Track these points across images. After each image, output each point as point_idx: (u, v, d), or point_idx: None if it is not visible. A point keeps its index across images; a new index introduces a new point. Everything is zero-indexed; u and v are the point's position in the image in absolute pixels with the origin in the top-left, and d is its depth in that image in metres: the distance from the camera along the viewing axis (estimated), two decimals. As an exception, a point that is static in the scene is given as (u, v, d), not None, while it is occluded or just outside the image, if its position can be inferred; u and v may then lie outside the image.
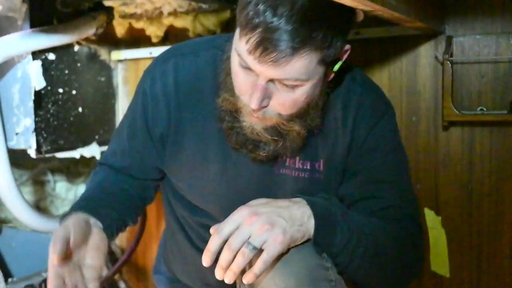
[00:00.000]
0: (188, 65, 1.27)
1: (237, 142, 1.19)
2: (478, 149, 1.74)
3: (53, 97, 2.00)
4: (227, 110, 1.17)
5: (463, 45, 1.72)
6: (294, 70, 1.02)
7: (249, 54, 1.02)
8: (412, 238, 1.24)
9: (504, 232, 1.72)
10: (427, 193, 1.82)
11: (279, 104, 1.09)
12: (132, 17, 2.13)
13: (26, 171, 2.50)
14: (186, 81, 1.27)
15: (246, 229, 1.01)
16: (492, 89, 1.70)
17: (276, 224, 1.01)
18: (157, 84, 1.27)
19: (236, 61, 1.08)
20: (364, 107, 1.25)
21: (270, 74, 1.03)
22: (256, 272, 0.99)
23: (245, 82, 1.08)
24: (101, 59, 2.24)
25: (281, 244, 1.01)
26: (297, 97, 1.08)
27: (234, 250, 1.00)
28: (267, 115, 1.10)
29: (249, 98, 1.08)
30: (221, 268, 1.01)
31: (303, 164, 1.26)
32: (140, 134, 1.33)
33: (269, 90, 1.06)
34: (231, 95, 1.15)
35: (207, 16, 2.02)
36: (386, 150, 1.26)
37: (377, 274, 1.18)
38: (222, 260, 1.01)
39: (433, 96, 1.79)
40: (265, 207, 1.05)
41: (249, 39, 1.00)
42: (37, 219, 2.00)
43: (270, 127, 1.13)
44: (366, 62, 1.87)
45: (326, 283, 1.04)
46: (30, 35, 1.87)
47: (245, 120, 1.14)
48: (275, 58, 1.00)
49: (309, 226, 1.06)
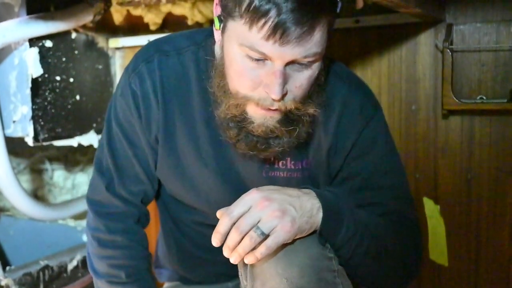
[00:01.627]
0: (172, 65, 1.23)
1: (248, 146, 1.14)
2: (477, 138, 1.74)
3: (50, 85, 1.99)
4: (231, 116, 1.12)
5: (463, 33, 1.71)
6: (313, 43, 1.00)
7: (267, 40, 0.98)
8: (412, 239, 1.24)
9: (503, 220, 1.72)
10: (426, 182, 1.82)
11: (296, 87, 1.06)
12: (130, 4, 2.11)
13: (24, 160, 2.50)
14: (172, 81, 1.23)
15: (257, 213, 0.99)
16: (492, 77, 1.69)
17: (287, 213, 1.00)
18: (146, 84, 1.23)
19: (243, 55, 1.04)
20: (350, 109, 1.24)
21: (292, 54, 1.00)
22: (257, 256, 0.98)
23: (256, 75, 1.05)
24: (98, 47, 2.23)
25: (288, 233, 1.00)
26: (312, 73, 1.06)
27: (242, 233, 0.98)
28: (286, 103, 1.07)
29: (268, 89, 1.04)
30: (228, 248, 1.00)
31: (295, 164, 1.25)
32: (139, 132, 1.28)
33: (286, 75, 1.04)
34: (236, 99, 1.09)
35: (206, 3, 2.00)
36: (378, 154, 1.25)
37: (378, 271, 1.18)
38: (229, 240, 0.99)
39: (432, 84, 1.78)
40: (277, 194, 1.03)
41: (264, 25, 0.97)
42: (35, 208, 2.00)
43: (282, 118, 1.10)
44: (365, 50, 1.86)
45: (328, 273, 1.04)
46: (27, 22, 1.86)
47: (256, 118, 1.09)
48: (298, 35, 0.97)
49: (317, 219, 1.05)
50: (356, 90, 1.26)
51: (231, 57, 1.07)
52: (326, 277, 1.03)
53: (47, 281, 1.94)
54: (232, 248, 0.99)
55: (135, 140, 1.28)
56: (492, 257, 1.75)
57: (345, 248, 1.09)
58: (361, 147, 1.24)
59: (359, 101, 1.25)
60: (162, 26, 2.16)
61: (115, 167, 1.30)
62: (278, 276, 1.01)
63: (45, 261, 1.95)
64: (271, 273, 1.02)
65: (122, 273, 1.30)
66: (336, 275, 1.05)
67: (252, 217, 0.99)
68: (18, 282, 1.82)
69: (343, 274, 1.08)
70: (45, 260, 1.96)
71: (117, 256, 1.31)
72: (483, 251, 1.76)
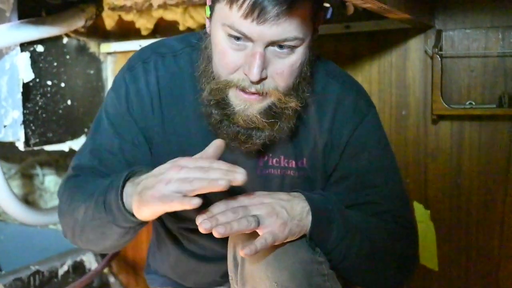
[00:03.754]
0: (168, 66, 1.25)
1: (228, 135, 1.15)
2: (467, 143, 1.75)
3: (41, 90, 1.99)
4: (214, 103, 1.13)
5: (452, 39, 1.73)
6: (293, 27, 1.02)
7: (245, 18, 1.01)
8: (407, 239, 1.24)
9: (493, 225, 1.73)
10: (416, 186, 1.82)
11: (276, 73, 1.07)
12: (122, 10, 2.11)
13: (15, 165, 2.50)
14: (168, 82, 1.24)
15: (252, 208, 1.01)
16: (481, 83, 1.71)
17: (279, 215, 1.01)
18: (140, 81, 1.23)
19: (224, 37, 1.07)
20: (344, 107, 1.24)
21: (271, 34, 1.02)
22: (258, 247, 0.98)
23: (237, 56, 1.07)
24: (90, 52, 2.23)
25: (281, 234, 1.01)
26: (294, 61, 1.08)
27: (237, 216, 0.97)
28: (266, 88, 1.08)
29: (247, 71, 1.06)
30: (216, 222, 0.95)
31: (288, 162, 1.25)
32: (128, 125, 1.25)
33: (266, 58, 1.05)
34: (217, 82, 1.11)
35: (197, 9, 2.01)
36: (373, 152, 1.25)
37: (371, 272, 1.18)
38: (222, 217, 0.96)
39: (422, 90, 1.79)
40: (269, 198, 1.04)
41: (242, 4, 1.00)
42: (25, 213, 2.00)
43: (264, 108, 1.10)
44: (355, 55, 1.87)
45: (318, 277, 1.04)
46: (18, 26, 1.86)
47: (237, 104, 1.10)
48: (275, 14, 0.99)
49: (307, 222, 1.06)
50: (350, 89, 1.27)
51: (215, 41, 1.09)
52: (316, 281, 1.04)
53: (37, 286, 1.94)
54: (222, 223, 0.95)
55: (124, 132, 1.25)
56: (482, 262, 1.76)
57: (337, 251, 1.09)
58: (355, 145, 1.24)
59: (353, 99, 1.26)
60: (153, 31, 2.16)
61: (97, 153, 1.25)
62: (269, 279, 1.02)
63: (36, 266, 1.95)
64: (262, 277, 1.03)
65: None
66: (326, 279, 1.05)
67: (248, 208, 1.00)
68: (8, 287, 1.81)
69: (333, 278, 1.08)
70: (36, 265, 1.95)
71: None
72: (473, 256, 1.77)
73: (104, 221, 1.09)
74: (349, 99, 1.25)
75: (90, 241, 1.19)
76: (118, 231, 1.10)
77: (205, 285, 1.46)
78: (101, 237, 1.14)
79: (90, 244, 1.21)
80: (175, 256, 1.44)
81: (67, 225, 1.23)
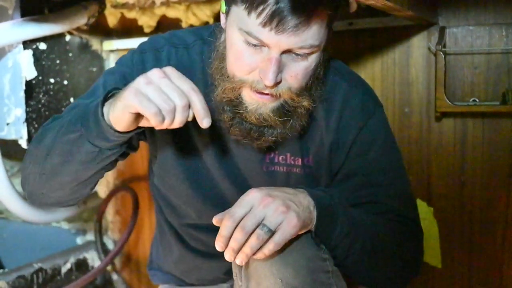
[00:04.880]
0: (180, 57, 1.25)
1: (241, 132, 1.15)
2: (470, 140, 1.74)
3: (44, 87, 1.99)
4: (226, 100, 1.13)
5: (456, 36, 1.72)
6: (310, 35, 1.02)
7: (264, 26, 1.01)
8: (411, 239, 1.24)
9: (496, 222, 1.73)
10: (419, 184, 1.82)
11: (291, 76, 1.07)
12: (124, 7, 2.11)
13: (18, 163, 2.49)
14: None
15: (261, 211, 0.99)
16: (485, 80, 1.70)
17: (291, 208, 1.00)
18: (147, 68, 1.20)
19: (241, 40, 1.07)
20: (351, 106, 1.24)
21: (288, 43, 1.02)
22: (266, 253, 0.98)
23: (253, 60, 1.07)
24: (92, 49, 2.23)
25: (295, 228, 1.00)
26: (309, 64, 1.08)
27: (248, 232, 0.97)
28: (279, 90, 1.08)
29: (262, 75, 1.05)
30: (232, 251, 0.98)
31: (294, 160, 1.25)
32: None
33: (282, 63, 1.05)
34: (231, 82, 1.11)
35: (200, 6, 2.01)
36: (379, 151, 1.25)
37: (375, 271, 1.18)
38: (234, 242, 0.98)
39: (425, 87, 1.79)
40: (277, 191, 1.03)
41: (261, 12, 1.00)
42: (28, 210, 2.00)
43: (277, 107, 1.11)
44: (358, 53, 1.87)
45: (323, 274, 1.04)
46: (21, 24, 1.86)
47: (250, 103, 1.11)
48: (294, 24, 0.99)
49: (313, 215, 1.05)
50: (357, 87, 1.27)
51: (231, 41, 1.09)
52: (321, 278, 1.03)
53: (40, 283, 1.94)
54: (237, 250, 0.98)
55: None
56: (485, 259, 1.76)
57: (340, 248, 1.09)
58: (361, 144, 1.24)
59: (360, 97, 1.26)
60: (156, 29, 2.16)
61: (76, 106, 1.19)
62: (273, 276, 1.02)
63: (39, 263, 1.95)
64: (266, 273, 1.02)
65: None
66: (330, 276, 1.05)
67: (256, 216, 0.98)
68: (11, 285, 1.82)
69: (337, 275, 1.08)
70: (38, 263, 1.96)
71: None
72: (476, 253, 1.77)
73: (77, 135, 1.05)
74: (356, 98, 1.25)
75: (50, 174, 1.13)
76: (88, 149, 1.05)
77: (208, 281, 1.46)
78: (66, 161, 1.09)
79: (49, 179, 1.14)
80: (178, 252, 1.44)
81: (29, 159, 1.17)
